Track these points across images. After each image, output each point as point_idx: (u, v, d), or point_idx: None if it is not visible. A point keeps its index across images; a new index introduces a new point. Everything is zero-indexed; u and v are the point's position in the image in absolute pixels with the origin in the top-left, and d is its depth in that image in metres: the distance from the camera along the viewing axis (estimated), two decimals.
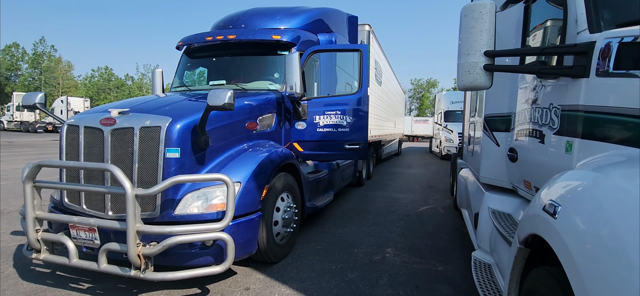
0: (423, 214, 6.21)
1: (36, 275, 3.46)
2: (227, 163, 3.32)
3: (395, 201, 7.26)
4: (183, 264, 3.00)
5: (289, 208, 3.94)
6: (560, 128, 1.99)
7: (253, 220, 3.29)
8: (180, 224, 2.95)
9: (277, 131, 4.35)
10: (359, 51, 4.58)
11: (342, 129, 4.61)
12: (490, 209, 3.14)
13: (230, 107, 2.86)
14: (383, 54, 11.61)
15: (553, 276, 1.46)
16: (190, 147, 3.09)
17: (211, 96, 2.85)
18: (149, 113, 3.10)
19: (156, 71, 5.36)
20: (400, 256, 4.13)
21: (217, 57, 5.02)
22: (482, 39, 2.06)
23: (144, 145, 3.00)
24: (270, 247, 3.62)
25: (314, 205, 4.91)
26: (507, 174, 3.13)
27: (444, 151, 17.24)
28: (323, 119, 4.60)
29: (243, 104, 3.80)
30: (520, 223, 1.81)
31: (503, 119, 3.13)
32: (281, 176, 3.85)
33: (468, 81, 2.10)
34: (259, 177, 3.39)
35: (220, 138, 3.42)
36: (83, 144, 3.16)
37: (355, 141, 4.66)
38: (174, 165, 2.98)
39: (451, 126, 17.24)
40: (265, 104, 4.13)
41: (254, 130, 3.92)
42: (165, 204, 2.98)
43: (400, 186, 9.14)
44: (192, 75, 5.46)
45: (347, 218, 5.82)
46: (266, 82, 4.64)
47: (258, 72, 4.81)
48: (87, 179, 3.18)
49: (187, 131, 3.06)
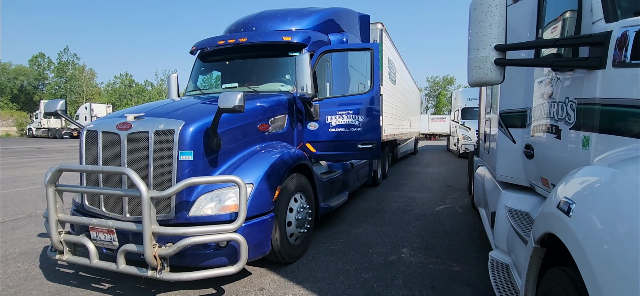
0: (440, 213, 6.10)
1: (60, 275, 3.60)
2: (240, 165, 3.36)
3: (411, 200, 7.17)
4: (198, 264, 3.05)
5: (302, 208, 3.95)
6: (577, 123, 1.91)
7: (266, 221, 3.31)
8: (194, 225, 3.00)
9: (289, 132, 4.37)
10: (369, 49, 4.55)
11: (355, 129, 4.59)
12: (507, 208, 3.06)
13: (241, 109, 2.89)
14: (397, 52, 11.49)
15: (568, 276, 1.41)
16: (203, 149, 3.14)
17: (222, 99, 2.89)
18: (162, 117, 3.17)
19: (171, 75, 5.48)
20: (416, 257, 4.07)
21: (230, 60, 5.09)
22: (492, 33, 2.01)
23: (159, 148, 3.07)
24: (284, 247, 3.63)
25: (328, 206, 4.90)
26: (524, 171, 3.03)
27: (462, 149, 16.89)
28: (335, 119, 4.59)
29: (255, 106, 3.84)
30: (536, 221, 1.75)
31: (519, 115, 3.04)
32: (294, 177, 3.87)
33: (478, 77, 2.05)
34: (271, 178, 3.41)
35: (232, 140, 3.47)
36: (101, 148, 3.26)
37: (368, 141, 4.62)
38: (187, 167, 3.04)
39: (469, 123, 16.87)
40: (276, 105, 4.15)
41: (266, 131, 3.95)
42: (180, 205, 3.04)
43: (416, 186, 9.01)
44: (206, 79, 5.56)
45: (362, 218, 5.78)
46: (278, 84, 4.67)
47: (270, 74, 4.84)
48: (105, 182, 3.28)
49: (199, 134, 3.11)
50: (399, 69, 11.84)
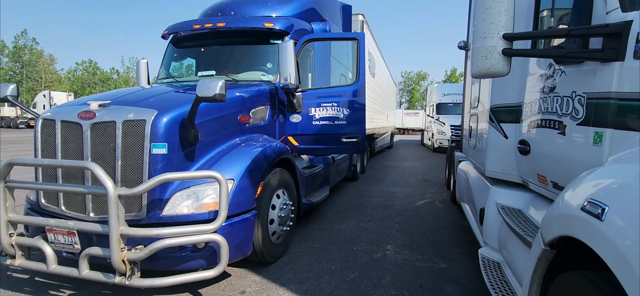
0: (421, 208, 6.08)
1: (13, 281, 3.20)
2: (219, 159, 3.10)
3: (391, 195, 7.12)
4: (173, 268, 2.79)
5: (285, 205, 3.74)
6: (587, 118, 1.83)
7: (248, 219, 3.08)
8: (168, 225, 2.73)
9: (271, 125, 4.13)
10: (355, 39, 4.38)
11: (339, 121, 4.41)
12: (498, 204, 2.99)
13: (222, 98, 2.63)
14: (376, 45, 11.43)
15: (591, 282, 1.30)
16: (179, 142, 2.85)
17: (201, 86, 2.61)
18: (132, 105, 2.85)
19: (141, 61, 5.08)
20: (401, 254, 3.98)
21: (206, 46, 4.75)
22: (500, 21, 1.88)
23: (128, 140, 2.76)
24: (266, 247, 3.41)
25: (310, 201, 4.72)
26: (516, 167, 2.97)
27: (437, 144, 17.19)
28: (319, 111, 4.39)
29: (235, 95, 3.57)
30: (546, 222, 1.64)
31: (512, 110, 2.97)
32: (276, 172, 3.64)
33: (484, 67, 1.91)
34: (253, 173, 3.17)
35: (211, 132, 3.19)
36: (60, 140, 2.90)
37: (352, 134, 4.47)
38: (160, 162, 2.75)
39: (443, 119, 17.19)
40: (258, 95, 3.90)
41: (246, 123, 3.69)
42: (152, 204, 2.75)
43: (395, 180, 9.01)
44: (180, 66, 5.18)
45: (344, 213, 5.65)
46: (258, 73, 4.41)
47: (249, 62, 4.56)
48: (65, 178, 2.92)
49: (174, 125, 2.82)
50: (378, 62, 11.78)
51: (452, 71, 61.61)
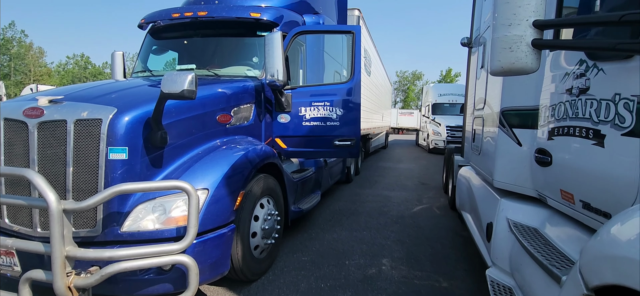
0: (418, 215, 5.72)
1: None
2: (192, 165, 2.69)
3: (387, 200, 6.76)
4: (134, 294, 2.38)
5: (269, 216, 3.35)
6: (636, 127, 1.47)
7: (224, 235, 2.68)
8: (129, 244, 2.33)
9: (256, 125, 3.73)
10: (350, 32, 3.99)
11: (332, 122, 4.03)
12: (509, 220, 2.63)
13: (191, 95, 2.23)
14: (372, 43, 11.05)
15: None
16: (142, 146, 2.44)
17: (166, 81, 2.21)
18: (87, 102, 2.44)
19: (116, 53, 4.64)
20: (398, 269, 3.61)
21: (187, 37, 4.33)
22: (529, 5, 1.51)
23: (82, 143, 2.34)
24: (247, 263, 3.03)
25: (299, 209, 4.33)
26: (531, 179, 2.62)
27: (432, 145, 16.92)
28: (309, 111, 4.00)
29: (214, 92, 3.17)
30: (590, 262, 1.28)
31: (527, 114, 2.61)
32: (260, 179, 3.25)
33: (508, 62, 1.54)
34: (232, 181, 2.78)
35: (183, 134, 2.79)
36: (3, 141, 2.47)
37: (346, 137, 4.08)
38: (119, 169, 2.34)
39: (439, 119, 16.91)
40: (241, 92, 3.49)
41: (227, 124, 3.29)
42: (109, 219, 2.34)
43: (391, 183, 8.65)
44: (159, 59, 4.76)
45: (336, 220, 5.27)
46: (243, 68, 4.00)
47: (234, 55, 4.16)
48: (9, 186, 2.50)
49: (137, 125, 2.41)
50: (374, 60, 11.41)
51: (448, 71, 61.48)
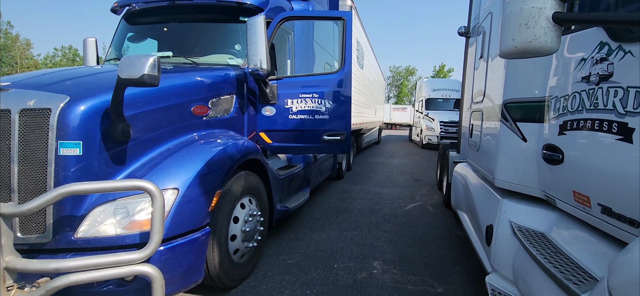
0: (411, 213, 5.50)
1: None
2: (161, 162, 2.40)
3: (379, 197, 6.52)
4: None
5: (251, 216, 3.07)
6: None
7: (197, 240, 2.40)
8: (84, 251, 2.04)
9: (237, 118, 3.44)
10: (341, 19, 3.71)
11: (320, 116, 3.75)
12: (512, 223, 2.40)
13: (152, 80, 1.93)
14: (365, 35, 10.77)
15: None
16: (100, 140, 2.14)
17: (123, 65, 1.91)
18: (37, 90, 2.13)
19: (88, 40, 4.31)
20: (390, 273, 3.37)
21: (165, 23, 4.00)
22: None
23: (28, 136, 2.04)
24: (225, 269, 2.76)
25: (285, 208, 4.07)
26: (537, 179, 2.38)
27: (425, 140, 16.75)
28: (297, 103, 3.73)
29: (189, 81, 2.87)
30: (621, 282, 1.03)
31: (533, 106, 2.36)
32: (241, 177, 2.97)
33: (523, 40, 1.28)
34: (206, 180, 2.49)
35: (151, 127, 2.49)
36: None
37: (335, 131, 3.82)
38: (72, 166, 2.04)
39: (432, 114, 16.74)
40: (221, 82, 3.20)
41: (204, 116, 2.99)
42: (61, 223, 2.04)
43: (383, 179, 8.42)
44: (137, 47, 4.42)
45: (326, 219, 5.01)
46: (225, 56, 3.70)
47: (215, 43, 3.85)
48: None
49: (93, 116, 2.11)
50: (367, 53, 11.14)
51: (441, 66, 61.46)
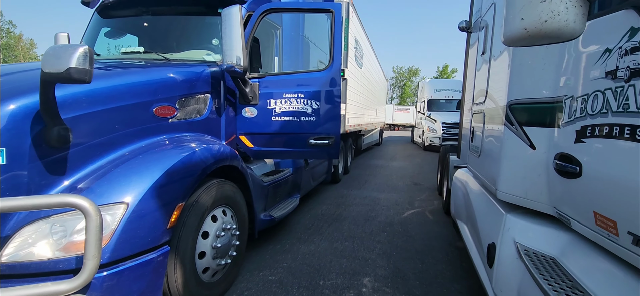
0: (408, 221, 5.15)
1: None
2: (109, 172, 2.08)
3: (375, 203, 6.18)
4: None
5: (224, 230, 2.75)
6: None
7: (152, 261, 2.08)
8: (11, 278, 1.72)
9: (213, 120, 3.12)
10: (330, 11, 3.37)
11: (307, 118, 3.42)
12: (518, 244, 2.05)
13: (82, 75, 1.60)
14: (365, 33, 10.41)
15: None
16: (30, 146, 1.83)
17: (47, 57, 1.58)
18: None
19: (59, 35, 3.97)
20: (381, 292, 3.04)
21: (140, 16, 3.69)
22: None
23: None
24: (191, 291, 2.43)
25: (270, 217, 3.74)
26: (547, 193, 2.03)
27: (427, 142, 16.38)
28: (280, 104, 3.40)
29: (149, 79, 2.55)
30: None
31: (544, 108, 2.02)
32: (213, 186, 2.65)
33: (536, 20, 0.95)
34: (165, 191, 2.17)
35: (99, 131, 2.16)
36: None
37: (324, 135, 3.49)
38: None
39: (435, 115, 16.37)
40: (191, 80, 2.87)
41: (170, 118, 2.67)
42: None
43: (381, 184, 8.08)
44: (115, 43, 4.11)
45: (316, 228, 4.68)
46: (202, 52, 3.38)
47: (192, 38, 3.53)
48: None
49: (21, 119, 1.79)
50: (367, 52, 10.78)
51: (444, 67, 60.91)
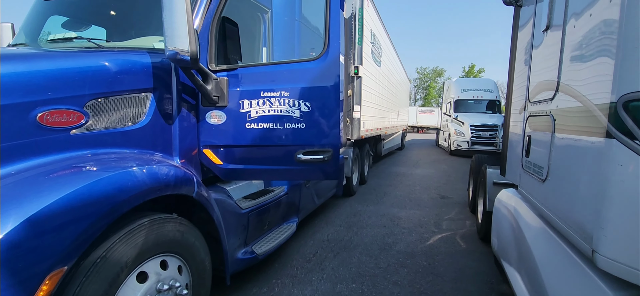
0: (435, 252, 4.11)
1: None
2: None
3: (394, 223, 5.15)
4: None
5: (160, 292, 1.86)
6: None
7: None
8: None
9: (157, 129, 2.25)
10: None
11: (293, 124, 2.50)
12: None
13: None
14: (384, 28, 9.40)
15: None
16: None
17: None
18: None
19: (2, 25, 3.32)
20: None
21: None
22: None
23: None
24: None
25: (252, 255, 2.86)
26: None
27: (454, 146, 15.06)
28: (257, 106, 2.50)
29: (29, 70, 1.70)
30: None
31: None
32: (139, 229, 1.77)
33: None
34: (26, 251, 1.31)
35: None
36: None
37: (317, 148, 2.56)
38: None
39: (462, 117, 15.04)
40: (116, 72, 2.01)
41: (72, 127, 1.81)
42: None
43: (402, 196, 7.02)
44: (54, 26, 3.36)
45: (318, 260, 3.73)
46: (152, 39, 2.53)
47: (140, 22, 2.69)
48: None
49: None
50: (386, 49, 9.75)
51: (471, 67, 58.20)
